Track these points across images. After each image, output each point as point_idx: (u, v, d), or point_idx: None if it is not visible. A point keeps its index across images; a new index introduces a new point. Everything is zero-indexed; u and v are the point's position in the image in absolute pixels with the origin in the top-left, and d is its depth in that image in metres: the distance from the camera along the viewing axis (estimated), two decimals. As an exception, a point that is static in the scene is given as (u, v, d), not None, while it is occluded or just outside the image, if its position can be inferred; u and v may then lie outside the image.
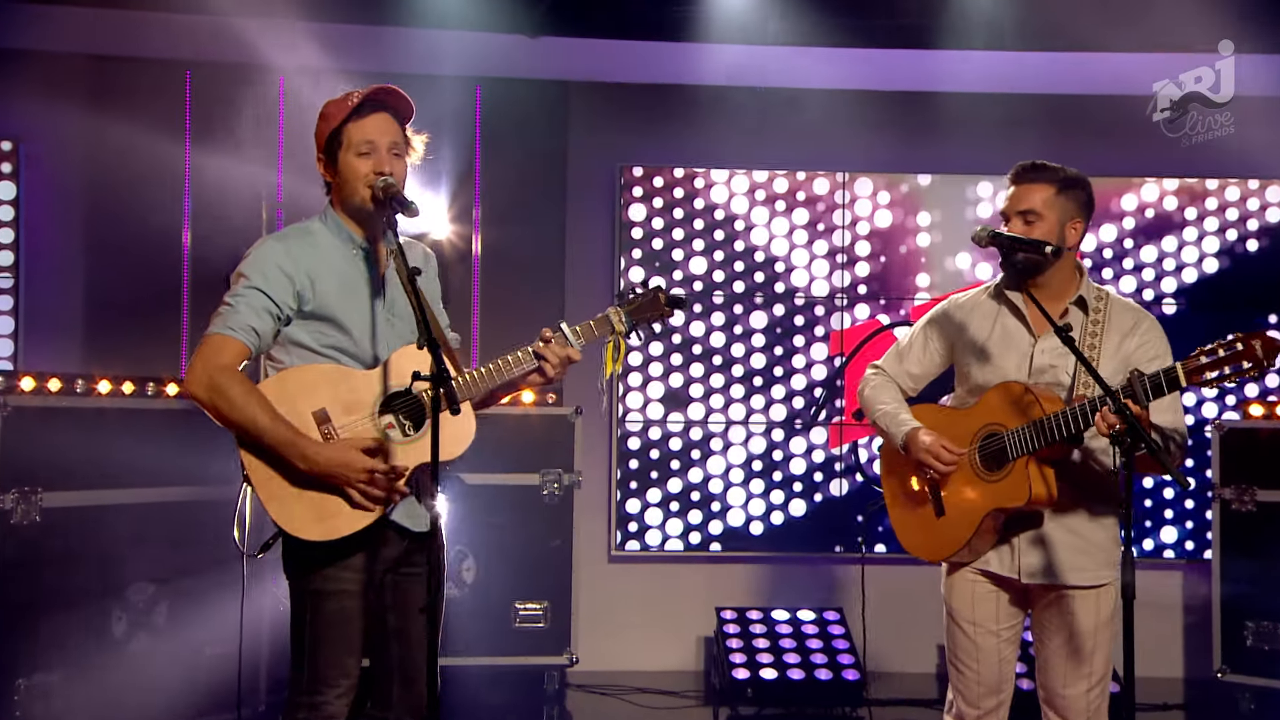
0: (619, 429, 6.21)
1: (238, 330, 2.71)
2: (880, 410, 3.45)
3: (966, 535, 3.26)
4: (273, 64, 5.47)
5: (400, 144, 2.82)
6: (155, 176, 5.75)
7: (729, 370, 6.27)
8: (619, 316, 2.91)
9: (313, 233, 2.82)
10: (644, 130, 6.18)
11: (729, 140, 6.17)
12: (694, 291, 6.28)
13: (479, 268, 6.05)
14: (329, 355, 2.77)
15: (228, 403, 2.65)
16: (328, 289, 2.76)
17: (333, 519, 2.69)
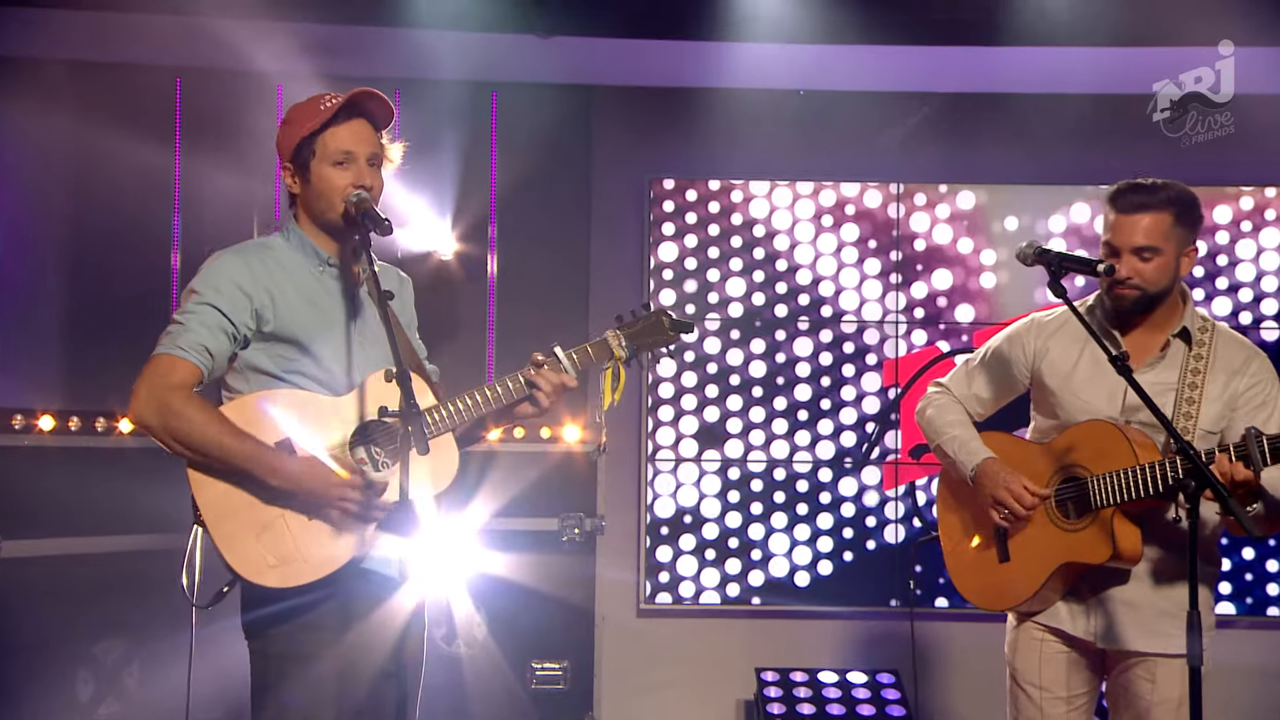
0: (648, 468, 6.13)
1: (188, 350, 2.68)
2: (947, 435, 3.36)
3: (1034, 587, 3.20)
4: (269, 70, 5.45)
5: (379, 155, 2.83)
6: (143, 193, 5.75)
7: (770, 403, 6.22)
8: (618, 341, 2.88)
9: (273, 248, 2.81)
10: (675, 139, 6.15)
11: (769, 149, 6.13)
12: (730, 316, 6.25)
13: (494, 290, 6.05)
14: (292, 381, 2.75)
15: (186, 424, 2.61)
16: (290, 308, 2.75)
17: (293, 563, 2.65)
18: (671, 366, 6.16)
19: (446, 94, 5.90)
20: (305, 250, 2.81)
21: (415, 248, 5.83)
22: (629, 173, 6.18)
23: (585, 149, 6.15)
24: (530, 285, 6.06)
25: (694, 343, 6.18)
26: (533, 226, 6.09)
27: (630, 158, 6.18)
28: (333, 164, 2.76)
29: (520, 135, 6.04)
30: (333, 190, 2.76)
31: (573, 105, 6.14)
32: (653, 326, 2.88)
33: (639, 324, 2.88)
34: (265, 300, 2.74)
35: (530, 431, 5.29)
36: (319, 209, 2.79)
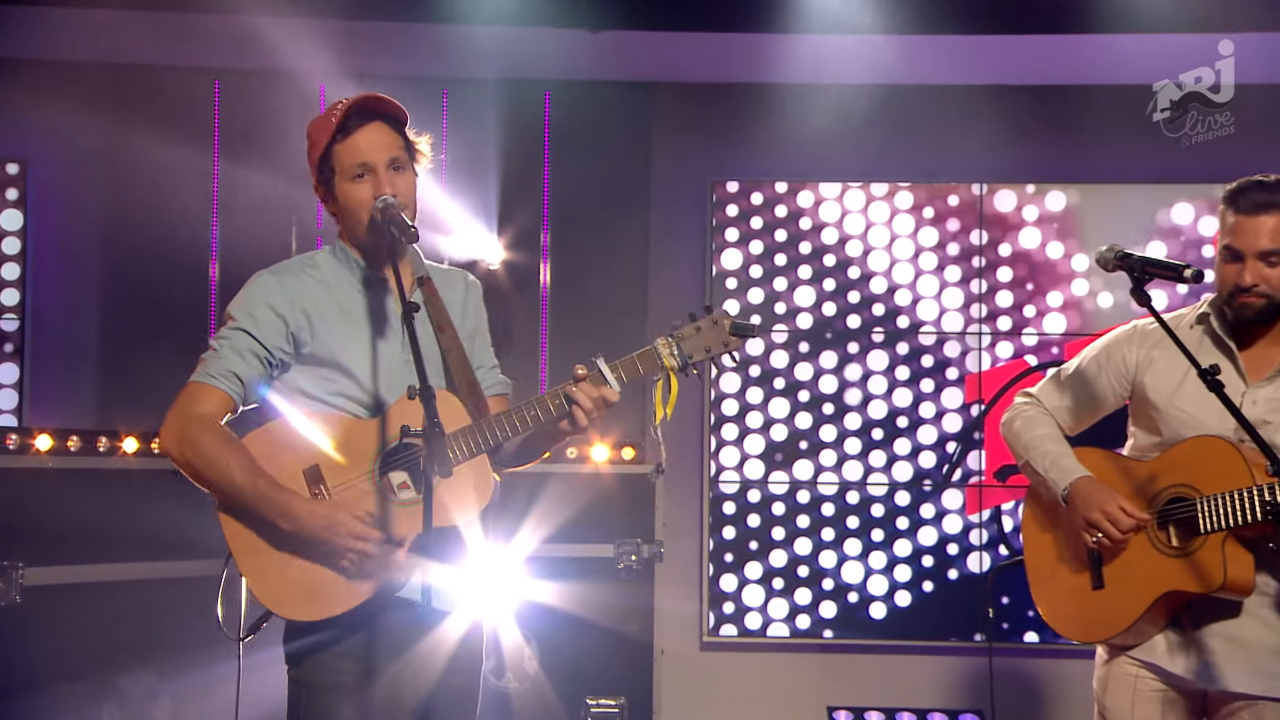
0: (711, 491, 6.10)
1: (218, 377, 2.69)
2: (1037, 450, 3.26)
3: (1131, 617, 3.10)
4: (311, 70, 5.48)
5: (402, 155, 2.76)
6: (180, 200, 5.80)
7: (843, 421, 6.16)
8: (670, 349, 2.75)
9: (317, 265, 2.81)
10: (739, 139, 6.12)
11: (840, 149, 6.07)
12: (799, 328, 6.19)
13: (548, 301, 6.06)
14: (335, 405, 2.75)
15: (200, 457, 2.64)
16: (328, 329, 2.75)
17: (324, 596, 2.66)
18: (736, 381, 6.13)
19: (496, 94, 5.94)
20: (349, 264, 2.80)
21: (461, 256, 5.83)
22: (690, 175, 6.18)
23: (644, 150, 6.14)
24: (585, 296, 6.06)
25: (760, 356, 6.15)
26: (588, 233, 6.10)
27: (691, 159, 6.17)
28: (351, 179, 2.73)
29: (574, 137, 6.07)
30: (357, 206, 2.74)
31: (630, 104, 6.13)
32: (710, 332, 2.76)
33: (694, 329, 2.75)
34: (302, 322, 2.74)
35: (583, 451, 5.27)
36: (349, 226, 2.78)
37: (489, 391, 2.89)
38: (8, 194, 5.97)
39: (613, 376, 2.72)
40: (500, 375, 2.99)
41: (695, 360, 2.73)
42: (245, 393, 2.72)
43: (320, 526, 2.62)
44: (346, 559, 2.65)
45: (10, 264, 5.98)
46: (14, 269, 5.97)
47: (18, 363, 5.92)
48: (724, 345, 2.75)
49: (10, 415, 5.87)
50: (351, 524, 2.63)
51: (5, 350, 5.93)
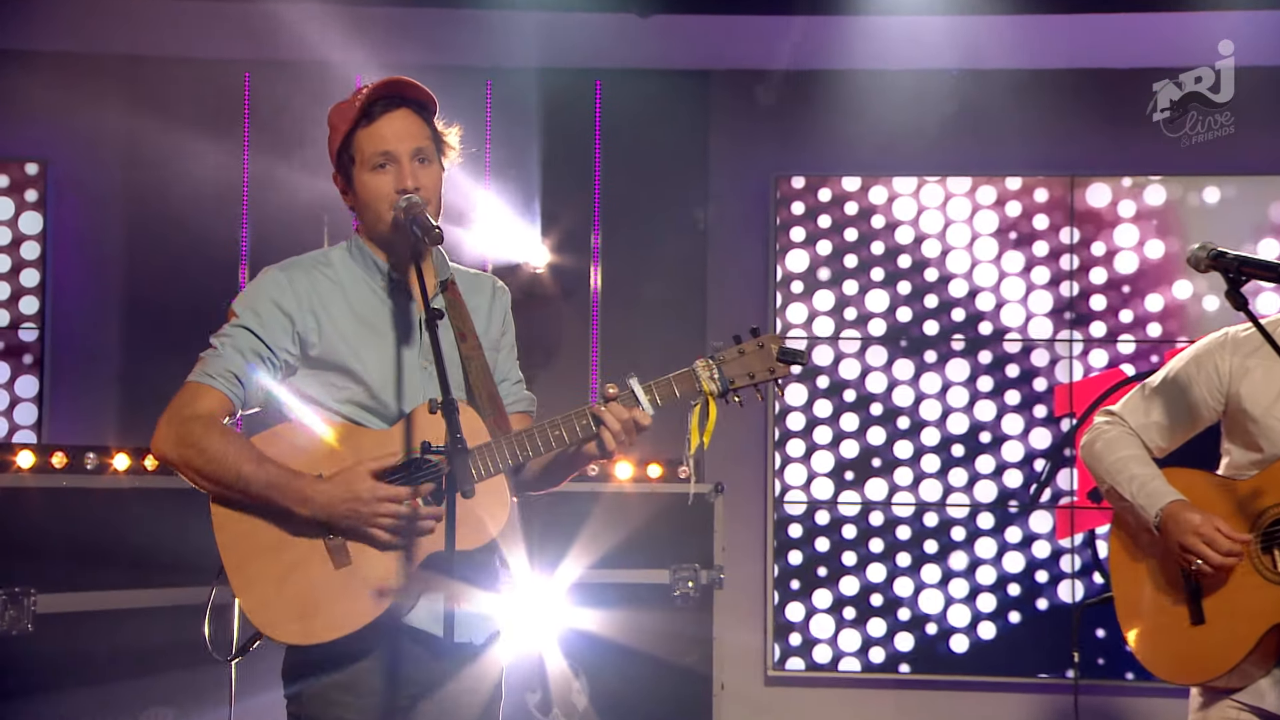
0: (775, 512, 6.07)
1: (216, 377, 2.67)
2: (1123, 474, 3.21)
3: (1237, 655, 3.02)
4: (346, 60, 5.43)
5: (429, 147, 2.74)
6: (208, 200, 5.83)
7: (919, 436, 6.10)
8: (710, 372, 2.72)
9: (331, 263, 2.79)
10: (805, 130, 6.10)
11: (915, 140, 6.02)
12: (871, 335, 6.14)
13: (599, 306, 6.07)
14: (344, 414, 2.72)
15: (202, 455, 2.61)
16: (338, 331, 2.73)
17: (316, 617, 2.61)
18: (803, 394, 6.11)
19: (543, 84, 5.92)
20: (365, 263, 2.78)
21: (504, 258, 5.85)
22: (751, 170, 6.16)
23: (701, 143, 6.14)
24: (639, 302, 6.06)
25: (829, 366, 6.12)
26: (642, 233, 6.11)
27: (753, 153, 6.15)
28: (372, 169, 2.70)
29: (627, 129, 6.07)
30: (377, 199, 2.71)
31: (686, 94, 6.12)
32: (755, 355, 2.73)
33: (737, 352, 2.73)
34: (309, 322, 2.72)
35: (636, 469, 5.25)
36: (368, 221, 2.75)
37: (511, 407, 2.87)
38: (26, 195, 5.99)
39: (646, 399, 2.70)
40: (525, 391, 2.96)
41: (737, 386, 2.72)
42: (245, 395, 2.70)
43: (340, 499, 2.58)
44: (378, 528, 2.60)
45: (29, 270, 6.00)
46: (33, 275, 5.99)
47: (37, 375, 5.95)
48: (769, 372, 2.73)
49: (29, 431, 5.90)
50: (374, 487, 2.59)
51: (23, 362, 5.97)
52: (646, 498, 5.24)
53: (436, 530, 2.60)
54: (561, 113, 5.99)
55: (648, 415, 2.68)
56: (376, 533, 2.61)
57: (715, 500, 5.26)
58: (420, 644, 2.68)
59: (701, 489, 5.27)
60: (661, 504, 5.24)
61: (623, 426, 2.67)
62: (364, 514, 2.60)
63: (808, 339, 6.06)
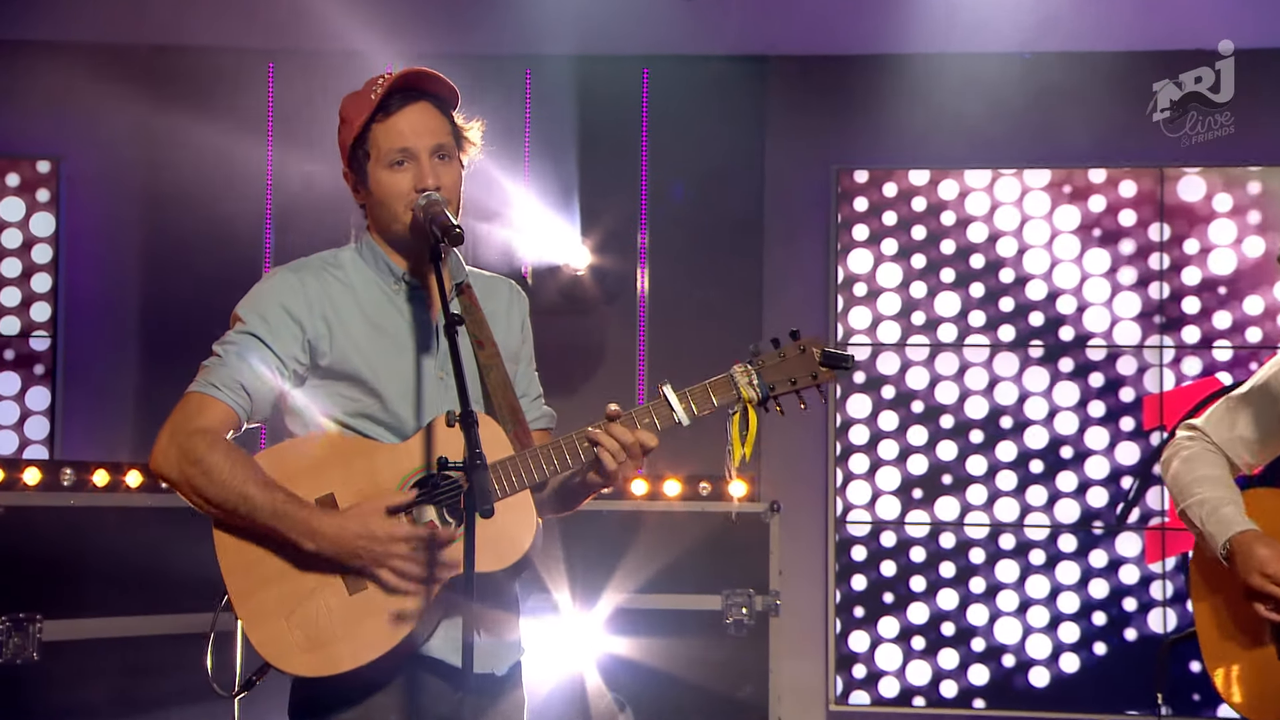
0: (837, 533, 6.04)
1: (221, 388, 2.65)
2: (1195, 495, 3.17)
3: None
4: (376, 50, 5.40)
5: (449, 143, 2.74)
6: (230, 198, 5.85)
7: (994, 451, 6.04)
8: (748, 378, 2.70)
9: (341, 265, 2.79)
10: (869, 120, 6.03)
11: (989, 129, 5.97)
12: (941, 341, 6.08)
13: (646, 311, 6.06)
14: (356, 427, 2.72)
15: (205, 474, 2.60)
16: (351, 338, 2.72)
17: (328, 647, 2.61)
18: (866, 405, 6.06)
19: (585, 73, 5.93)
20: (378, 265, 2.77)
21: (543, 259, 5.85)
22: (811, 163, 6.12)
23: (757, 135, 6.11)
24: (689, 306, 6.04)
25: (895, 375, 6.07)
26: (693, 232, 6.09)
27: (813, 144, 6.11)
28: (389, 165, 2.70)
29: (676, 121, 6.07)
30: (393, 198, 2.70)
31: (741, 82, 6.10)
32: (797, 361, 2.72)
33: (778, 356, 2.72)
34: (321, 329, 2.71)
35: (687, 486, 5.27)
36: (383, 221, 2.73)
37: (532, 424, 2.86)
38: (38, 195, 5.99)
39: (681, 407, 2.67)
40: (545, 407, 2.96)
41: (778, 393, 2.71)
42: (252, 407, 2.67)
43: (353, 535, 2.57)
44: (391, 569, 2.59)
45: (41, 274, 5.99)
46: (45, 280, 5.98)
47: (49, 386, 5.95)
48: (811, 377, 2.72)
49: (40, 446, 5.92)
50: (391, 526, 2.59)
51: (35, 372, 5.97)
52: (697, 517, 5.23)
53: (457, 550, 2.56)
54: (605, 103, 6.00)
55: (653, 438, 2.67)
56: (386, 574, 2.60)
57: (771, 520, 5.21)
58: (439, 675, 2.68)
59: (756, 508, 5.24)
60: (713, 524, 5.23)
61: (620, 449, 2.64)
62: (377, 554, 2.59)
63: (871, 346, 6.03)
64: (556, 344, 5.94)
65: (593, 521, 5.17)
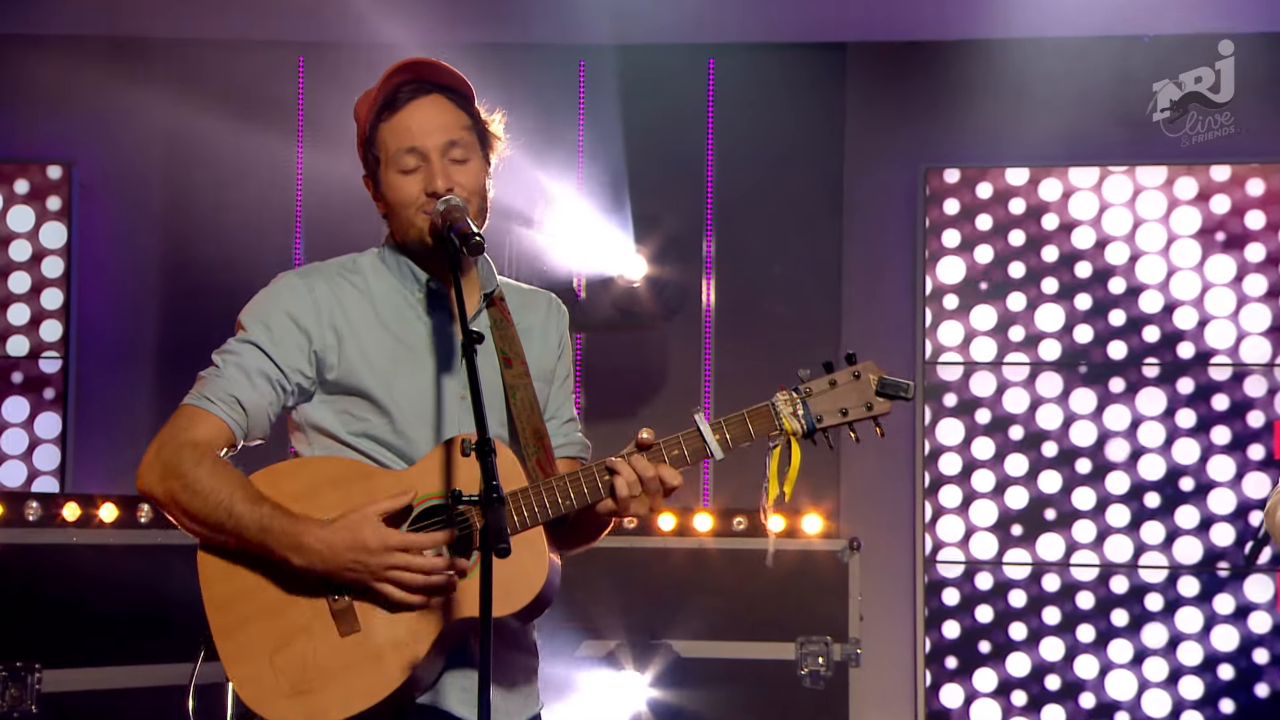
0: (926, 574, 5.94)
1: (216, 402, 2.65)
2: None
3: None
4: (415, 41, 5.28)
5: (466, 139, 2.72)
6: (258, 205, 5.84)
7: (1103, 483, 5.90)
8: (793, 407, 2.68)
9: (360, 270, 2.79)
10: (961, 113, 5.97)
11: (1097, 122, 5.85)
12: (1042, 359, 5.96)
13: (711, 327, 6.01)
14: (360, 449, 2.71)
15: (189, 489, 2.59)
16: (362, 349, 2.72)
17: (316, 694, 2.59)
18: (959, 430, 5.95)
19: (644, 63, 5.92)
20: (400, 271, 2.77)
21: (594, 269, 5.77)
22: (896, 162, 6.06)
23: (835, 131, 6.05)
24: (760, 320, 6.02)
25: (990, 396, 5.95)
26: (763, 239, 6.04)
27: (898, 141, 6.05)
28: (398, 170, 2.69)
29: (746, 115, 6.02)
30: (404, 205, 2.69)
31: (818, 72, 6.05)
32: (849, 389, 2.67)
33: (828, 383, 2.68)
34: (329, 339, 2.70)
35: (753, 522, 5.23)
36: (400, 228, 2.73)
37: (560, 450, 2.84)
38: (49, 204, 5.92)
39: (715, 439, 2.64)
40: (578, 434, 2.93)
41: (827, 425, 2.68)
42: (249, 424, 2.67)
43: (343, 547, 2.55)
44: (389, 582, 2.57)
45: (51, 289, 5.92)
46: (55, 296, 5.91)
47: (59, 412, 5.90)
48: (866, 408, 2.67)
49: (50, 477, 5.87)
50: (384, 534, 2.57)
51: (44, 397, 5.91)
52: (764, 556, 5.16)
53: (463, 590, 2.59)
54: (667, 97, 6.00)
55: (676, 474, 2.63)
56: (387, 589, 2.57)
57: (850, 559, 5.18)
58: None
59: (834, 545, 5.21)
60: (785, 564, 5.18)
61: (643, 484, 2.61)
62: (372, 566, 2.56)
63: (964, 365, 5.93)
64: (611, 364, 5.96)
65: (650, 559, 5.20)
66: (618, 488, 2.62)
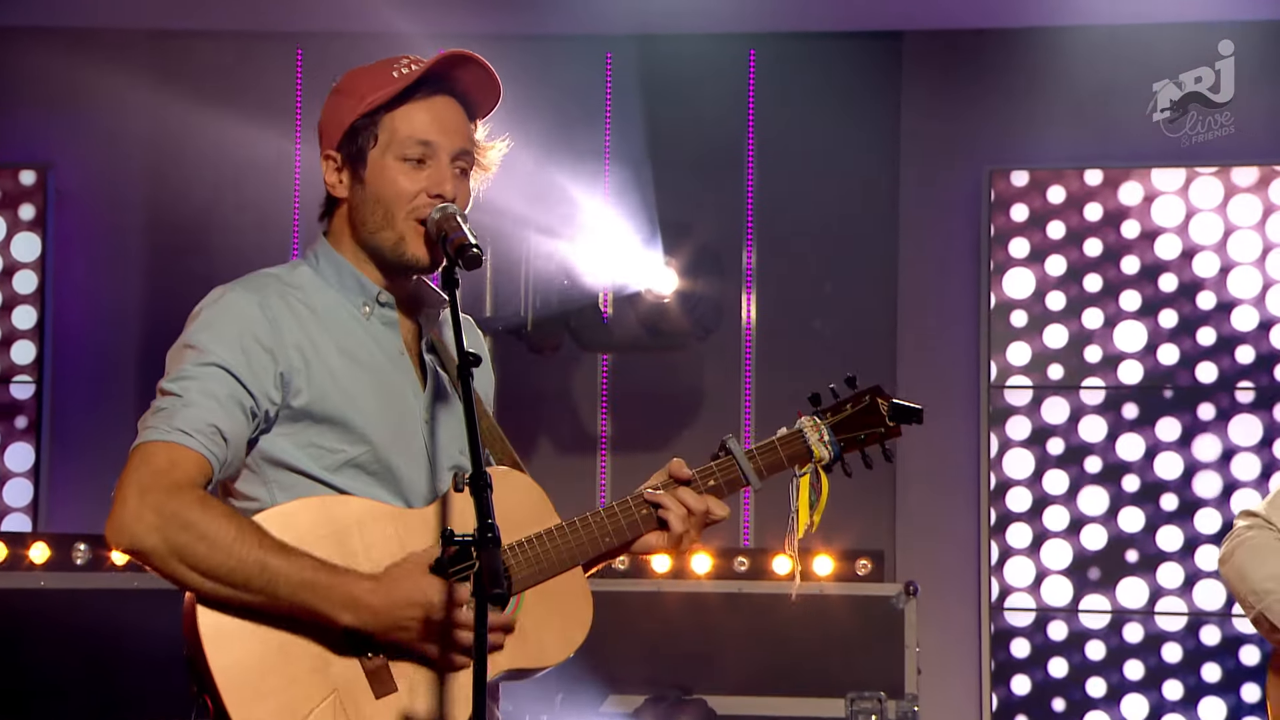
0: (992, 623, 5.88)
1: (193, 434, 2.55)
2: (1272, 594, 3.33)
3: None
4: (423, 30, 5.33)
5: (469, 155, 2.76)
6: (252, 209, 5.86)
7: (1192, 522, 5.84)
8: (819, 434, 2.80)
9: (299, 284, 2.73)
10: (1029, 109, 5.94)
11: (1182, 117, 5.52)
12: (1122, 383, 5.90)
13: (752, 348, 6.00)
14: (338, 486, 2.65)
15: (204, 539, 2.51)
16: (329, 371, 2.68)
17: None
18: (1028, 462, 5.90)
19: (677, 55, 5.94)
20: (344, 283, 2.72)
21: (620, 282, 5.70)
22: (958, 163, 6.05)
23: (890, 130, 6.05)
24: (805, 340, 6.03)
25: (1063, 424, 5.90)
26: (810, 249, 6.05)
27: (960, 139, 6.03)
28: (400, 158, 2.66)
29: (789, 112, 6.05)
30: (395, 198, 2.66)
31: (870, 64, 6.07)
32: (863, 414, 2.82)
33: (843, 406, 2.83)
34: (295, 361, 2.63)
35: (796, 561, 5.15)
36: (373, 223, 2.69)
37: None
38: (21, 212, 5.89)
39: (750, 467, 2.75)
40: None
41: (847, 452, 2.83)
42: (227, 458, 2.60)
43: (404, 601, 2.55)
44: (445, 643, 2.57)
45: (24, 307, 5.88)
46: (28, 314, 5.87)
47: (33, 442, 5.86)
48: (880, 432, 2.82)
49: (22, 514, 5.82)
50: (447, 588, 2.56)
51: (16, 426, 5.88)
52: (814, 601, 5.20)
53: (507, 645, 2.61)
54: (703, 92, 6.01)
55: (723, 508, 2.72)
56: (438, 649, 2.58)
57: (906, 606, 5.18)
58: None
59: (887, 590, 5.23)
60: (835, 610, 5.18)
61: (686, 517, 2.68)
62: (434, 624, 2.56)
63: (1034, 389, 5.87)
64: (638, 389, 5.94)
65: (681, 604, 5.23)
66: (672, 524, 2.67)
